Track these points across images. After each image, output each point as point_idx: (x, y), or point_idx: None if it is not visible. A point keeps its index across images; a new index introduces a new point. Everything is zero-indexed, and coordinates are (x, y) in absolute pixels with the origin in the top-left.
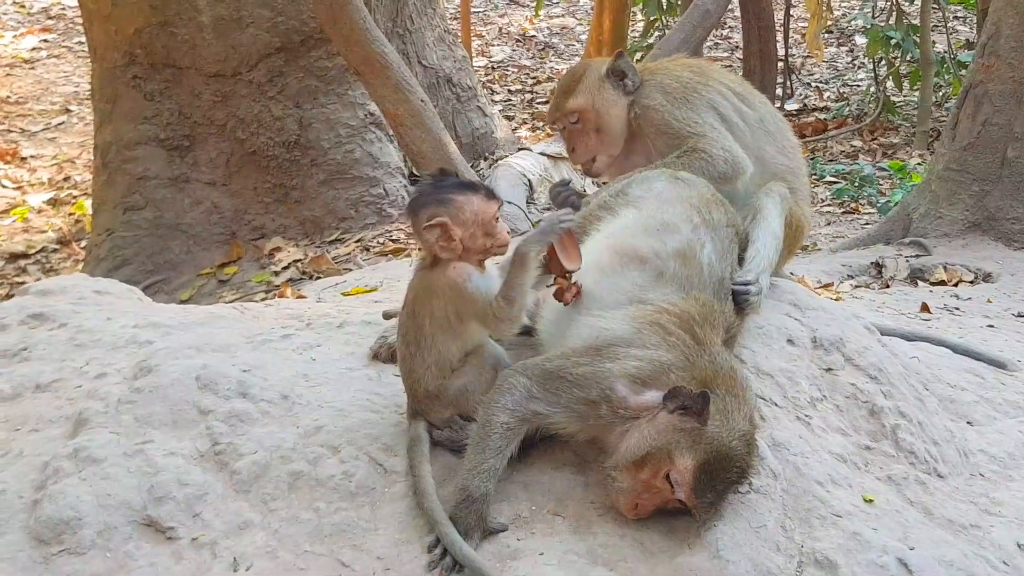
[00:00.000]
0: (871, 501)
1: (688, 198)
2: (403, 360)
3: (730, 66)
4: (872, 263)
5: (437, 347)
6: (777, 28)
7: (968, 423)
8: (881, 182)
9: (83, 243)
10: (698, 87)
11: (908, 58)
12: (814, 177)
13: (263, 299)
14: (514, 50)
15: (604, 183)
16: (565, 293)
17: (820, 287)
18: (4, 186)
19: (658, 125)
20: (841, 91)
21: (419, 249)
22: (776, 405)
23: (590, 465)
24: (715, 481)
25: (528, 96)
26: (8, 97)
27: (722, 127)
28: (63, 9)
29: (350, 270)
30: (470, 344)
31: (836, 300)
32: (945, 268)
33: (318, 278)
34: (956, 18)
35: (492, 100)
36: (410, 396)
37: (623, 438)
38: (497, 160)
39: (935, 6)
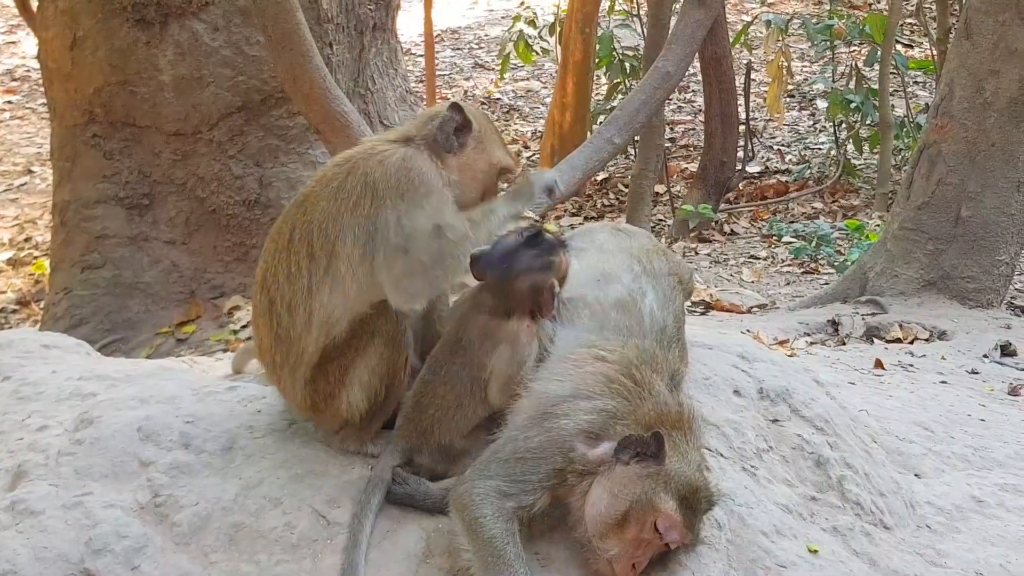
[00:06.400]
0: (816, 552)
1: (628, 248)
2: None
3: (692, 129)
4: (828, 321)
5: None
6: (738, 91)
7: (916, 475)
8: (839, 242)
9: (43, 303)
10: None
11: (868, 122)
12: (774, 238)
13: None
14: None
15: None
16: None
17: (776, 344)
18: None
19: None
20: (802, 154)
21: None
22: (722, 456)
23: None
24: (695, 513)
25: None
26: None
27: None
28: (27, 71)
29: None
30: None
31: (791, 357)
32: (901, 326)
33: None
34: (916, 83)
35: None
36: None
37: (586, 501)
38: None
39: (894, 71)
